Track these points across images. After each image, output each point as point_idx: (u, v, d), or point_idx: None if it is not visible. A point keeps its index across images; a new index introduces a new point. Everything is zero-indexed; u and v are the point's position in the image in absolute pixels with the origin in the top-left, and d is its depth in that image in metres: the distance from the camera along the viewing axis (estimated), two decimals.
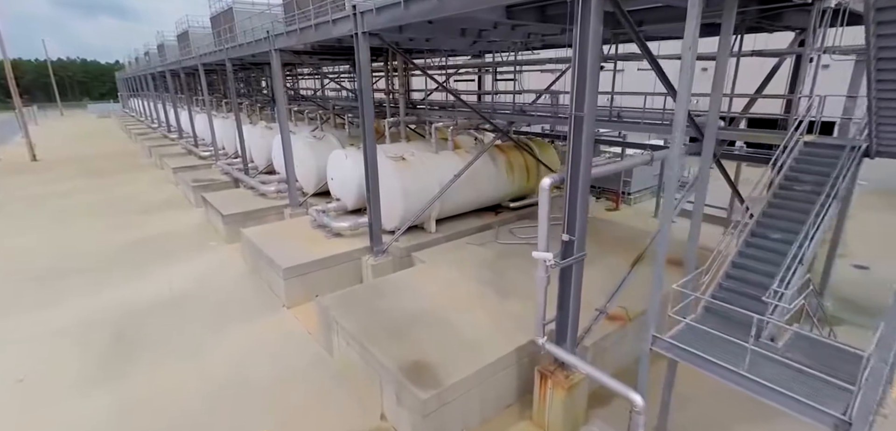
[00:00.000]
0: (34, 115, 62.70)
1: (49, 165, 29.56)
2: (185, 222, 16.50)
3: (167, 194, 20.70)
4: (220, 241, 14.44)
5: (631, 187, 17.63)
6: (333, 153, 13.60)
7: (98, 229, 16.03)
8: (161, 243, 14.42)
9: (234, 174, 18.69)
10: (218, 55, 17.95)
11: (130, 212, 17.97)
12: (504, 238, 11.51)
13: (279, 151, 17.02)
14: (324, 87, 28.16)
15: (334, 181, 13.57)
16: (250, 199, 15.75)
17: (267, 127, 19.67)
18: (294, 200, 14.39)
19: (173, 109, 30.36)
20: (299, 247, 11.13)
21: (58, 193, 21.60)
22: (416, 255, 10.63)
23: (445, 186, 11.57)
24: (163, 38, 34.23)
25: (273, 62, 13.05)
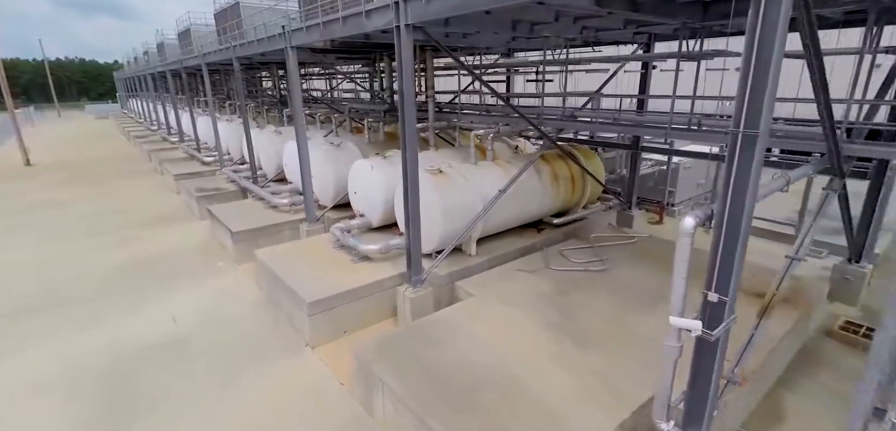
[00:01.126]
0: (30, 116, 61.16)
1: (43, 170, 28.06)
2: (188, 238, 15.01)
3: (168, 204, 19.21)
4: (229, 261, 12.95)
5: (675, 197, 16.16)
6: (357, 164, 12.12)
7: (93, 246, 14.54)
8: (162, 264, 12.93)
9: (242, 183, 17.21)
10: (225, 54, 16.47)
11: (129, 225, 16.48)
12: (556, 263, 10.03)
13: (292, 158, 15.56)
14: (332, 88, 26.66)
15: (358, 195, 12.09)
16: (261, 212, 14.26)
17: (276, 132, 18.18)
18: (311, 214, 12.91)
19: (174, 111, 28.88)
20: (323, 274, 9.65)
21: (50, 202, 20.10)
22: (459, 285, 9.15)
23: (490, 202, 10.10)
24: (163, 37, 32.75)
25: (289, 61, 11.57)
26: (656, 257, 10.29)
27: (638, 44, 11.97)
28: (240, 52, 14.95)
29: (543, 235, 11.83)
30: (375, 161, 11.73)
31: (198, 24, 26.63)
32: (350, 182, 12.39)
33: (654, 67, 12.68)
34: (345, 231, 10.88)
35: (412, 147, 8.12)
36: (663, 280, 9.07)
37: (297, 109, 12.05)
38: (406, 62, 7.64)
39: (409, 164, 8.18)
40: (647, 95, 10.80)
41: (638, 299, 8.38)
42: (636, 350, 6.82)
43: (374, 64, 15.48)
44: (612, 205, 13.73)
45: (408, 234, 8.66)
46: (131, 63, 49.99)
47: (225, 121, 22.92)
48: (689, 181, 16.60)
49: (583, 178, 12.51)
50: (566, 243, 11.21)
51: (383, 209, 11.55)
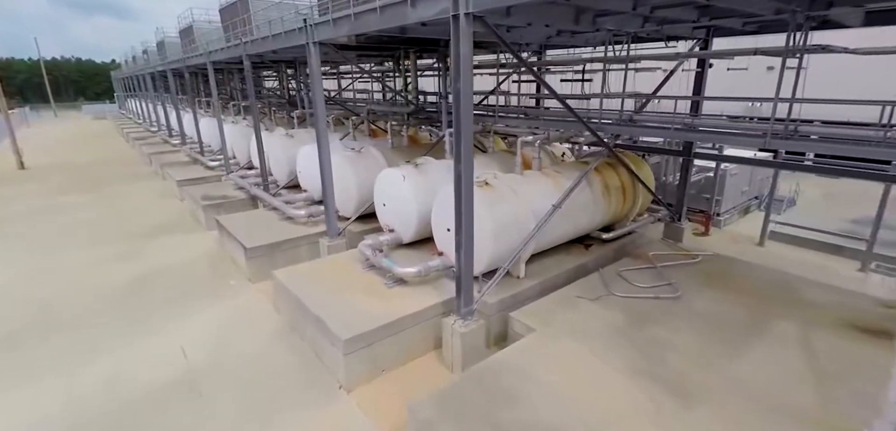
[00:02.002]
0: (26, 116, 59.72)
1: (38, 174, 26.75)
2: (195, 251, 13.77)
3: (172, 212, 17.96)
4: (242, 279, 11.73)
5: (721, 206, 14.99)
6: (386, 173, 10.91)
7: (91, 259, 13.29)
8: (168, 282, 11.70)
9: (252, 191, 15.97)
10: (233, 51, 15.24)
11: (130, 236, 15.23)
12: (618, 288, 8.84)
13: (308, 164, 14.36)
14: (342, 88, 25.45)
15: (387, 208, 10.88)
16: (275, 224, 13.04)
17: (287, 135, 16.95)
18: (333, 228, 11.70)
19: (176, 112, 27.61)
20: (354, 301, 8.45)
21: (45, 209, 18.83)
22: (514, 316, 7.95)
23: (543, 218, 8.92)
24: (163, 35, 31.47)
25: (311, 58, 10.36)
26: (728, 280, 9.12)
27: (698, 39, 10.79)
28: (251, 49, 13.74)
29: (593, 252, 10.65)
30: (407, 170, 10.53)
31: (201, 20, 25.43)
32: (378, 193, 11.18)
33: (711, 65, 11.50)
34: (375, 250, 9.67)
35: (468, 158, 6.92)
36: (746, 311, 7.92)
37: (319, 111, 10.84)
38: (465, 58, 6.44)
39: (464, 178, 6.97)
40: (712, 98, 9.61)
41: (727, 335, 7.20)
42: (749, 406, 5.64)
43: (397, 62, 14.27)
44: (661, 216, 12.56)
45: (459, 257, 7.46)
46: (130, 62, 48.62)
47: (230, 123, 21.67)
48: (734, 188, 15.45)
49: (634, 187, 11.34)
50: (622, 263, 10.02)
51: (418, 225, 10.35)
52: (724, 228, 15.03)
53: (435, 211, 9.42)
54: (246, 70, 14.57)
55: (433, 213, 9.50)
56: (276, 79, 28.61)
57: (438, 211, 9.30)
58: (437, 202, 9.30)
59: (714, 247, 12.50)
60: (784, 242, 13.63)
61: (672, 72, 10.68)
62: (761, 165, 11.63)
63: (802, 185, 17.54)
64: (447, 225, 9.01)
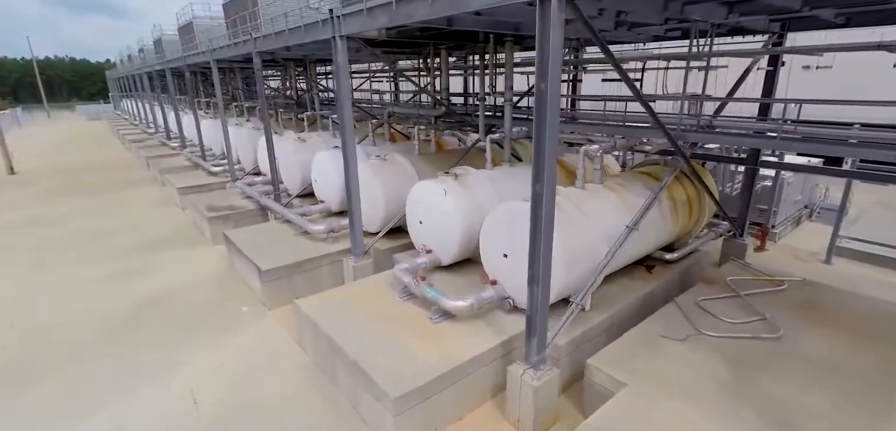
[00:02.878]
0: (17, 117, 58.01)
1: (29, 179, 25.26)
2: (201, 269, 12.40)
3: (173, 222, 16.57)
4: (256, 304, 10.38)
5: (776, 217, 13.74)
6: (422, 187, 9.60)
7: (83, 280, 11.89)
8: (172, 309, 10.34)
9: (262, 201, 14.60)
10: (241, 48, 13.87)
11: (127, 251, 13.84)
12: (704, 323, 7.54)
13: (324, 172, 13.04)
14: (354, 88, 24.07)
15: (425, 226, 9.57)
16: (291, 241, 11.68)
17: (299, 139, 15.59)
18: (358, 246, 10.36)
19: (175, 113, 26.17)
20: (398, 341, 7.12)
21: (35, 220, 17.39)
22: (594, 365, 6.62)
23: (617, 242, 7.62)
24: (161, 33, 30.02)
25: (338, 54, 9.02)
26: (831, 314, 7.84)
27: (772, 33, 9.51)
28: (262, 45, 12.38)
29: (658, 276, 9.36)
30: (448, 183, 9.21)
31: (201, 16, 24.05)
32: (412, 208, 9.87)
33: (783, 63, 10.24)
34: (415, 276, 8.33)
35: (551, 176, 5.61)
36: (875, 358, 6.63)
37: (346, 115, 9.50)
38: (554, 51, 5.12)
39: (545, 201, 5.65)
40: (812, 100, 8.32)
41: (865, 394, 5.92)
42: None
43: (424, 59, 12.95)
44: (721, 231, 11.29)
45: (533, 295, 6.14)
46: (125, 62, 47.05)
47: (234, 125, 20.27)
48: (788, 198, 14.21)
49: (699, 201, 10.06)
50: (696, 291, 8.72)
51: (461, 246, 9.05)
52: (779, 241, 13.78)
53: (486, 233, 8.11)
54: (256, 68, 13.21)
55: (483, 234, 8.18)
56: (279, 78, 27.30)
57: (491, 233, 7.99)
58: (491, 223, 7.98)
59: (780, 265, 11.26)
60: (849, 258, 12.40)
61: (748, 70, 9.40)
62: (834, 174, 10.35)
63: (854, 193, 16.32)
64: (503, 250, 7.72)
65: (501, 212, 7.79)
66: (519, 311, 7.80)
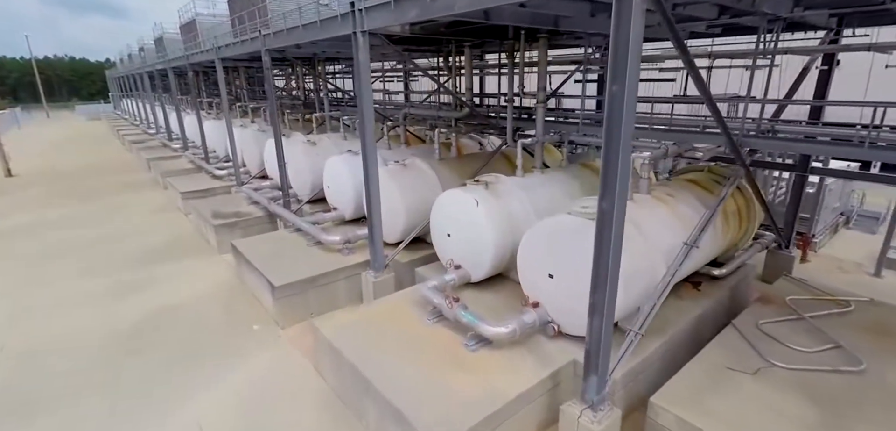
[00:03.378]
0: (16, 117, 57.22)
1: (25, 182, 24.48)
2: (207, 282, 11.62)
3: (176, 229, 15.79)
4: (268, 322, 9.60)
5: (816, 226, 12.95)
6: (450, 197, 8.81)
7: (83, 294, 11.11)
8: (177, 328, 9.56)
9: (272, 208, 13.80)
10: (249, 45, 13.10)
11: (128, 261, 13.06)
12: (771, 351, 6.75)
13: (337, 177, 12.29)
14: None
15: (452, 240, 8.79)
16: (304, 252, 10.90)
17: (309, 142, 14.81)
18: (378, 259, 9.57)
19: (177, 114, 25.38)
20: (434, 376, 6.34)
21: (31, 227, 16.60)
22: (659, 404, 5.82)
23: (676, 260, 6.84)
24: (162, 31, 29.25)
25: (359, 51, 8.24)
26: None
27: (830, 29, 8.73)
28: (273, 42, 11.60)
29: (707, 294, 8.58)
30: (478, 192, 8.42)
31: (204, 14, 23.28)
32: (438, 220, 9.09)
33: (838, 62, 9.45)
34: (447, 297, 7.53)
35: (623, 192, 4.82)
36: None
37: (367, 117, 8.72)
38: (633, 47, 4.34)
39: (616, 221, 4.87)
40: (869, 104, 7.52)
41: None
42: None
43: (446, 57, 12.17)
44: (766, 243, 10.51)
45: (593, 327, 5.36)
46: (125, 61, 46.25)
47: (238, 127, 19.48)
48: (828, 205, 13.43)
49: (748, 211, 9.29)
50: (754, 312, 7.93)
51: (494, 262, 8.28)
52: (819, 251, 12.99)
53: (527, 249, 7.32)
54: (265, 67, 12.43)
55: (523, 251, 7.39)
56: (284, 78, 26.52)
57: (533, 250, 7.20)
58: (532, 239, 7.20)
59: (825, 277, 10.45)
60: None
61: (807, 69, 8.62)
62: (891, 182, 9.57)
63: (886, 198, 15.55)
64: (548, 270, 6.93)
65: (546, 227, 7.00)
66: (564, 337, 7.03)
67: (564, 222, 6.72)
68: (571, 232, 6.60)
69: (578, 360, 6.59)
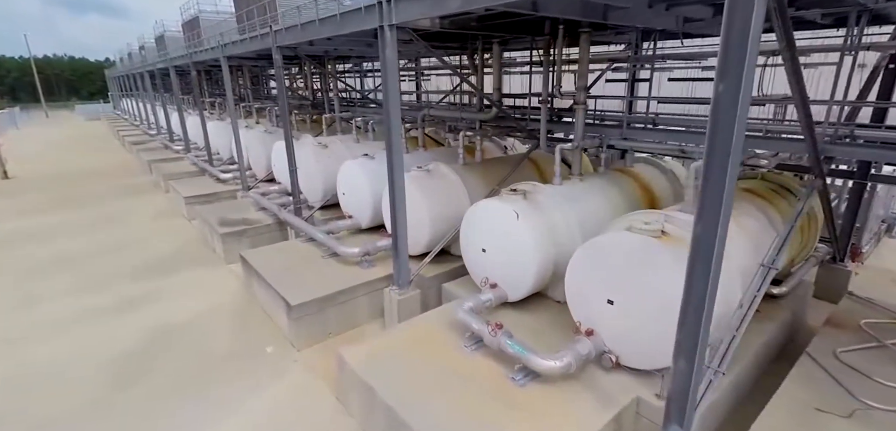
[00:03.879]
0: (14, 117, 56.38)
1: (22, 185, 23.66)
2: (214, 295, 10.81)
3: (180, 237, 14.97)
4: (283, 343, 8.79)
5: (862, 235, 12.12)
6: (485, 207, 8.00)
7: (79, 312, 10.29)
8: (182, 350, 8.75)
9: (283, 216, 12.97)
10: (258, 42, 12.28)
11: (130, 272, 12.25)
12: (860, 389, 5.94)
13: (352, 184, 11.52)
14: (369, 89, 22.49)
15: (488, 256, 7.97)
16: (319, 265, 10.10)
17: (320, 145, 14.00)
18: (403, 275, 8.76)
19: (179, 114, 24.56)
20: (483, 419, 5.53)
21: (26, 234, 15.77)
22: None
23: (754, 284, 6.04)
24: (164, 29, 28.44)
25: (386, 47, 7.43)
26: None
27: None
28: (285, 38, 10.79)
29: (767, 315, 7.77)
30: (518, 203, 7.61)
31: (208, 11, 22.47)
32: (471, 234, 8.28)
33: None
34: (489, 324, 6.71)
35: (727, 210, 4.01)
36: None
37: (393, 120, 7.90)
38: (755, 28, 3.52)
39: (717, 247, 4.06)
40: None
41: None
42: None
43: (470, 55, 11.36)
44: (819, 256, 9.72)
45: (679, 371, 4.55)
46: (125, 60, 45.40)
47: (244, 128, 18.68)
48: (874, 213, 12.61)
49: (809, 224, 8.50)
50: (826, 338, 7.11)
51: (535, 280, 7.47)
52: (865, 262, 12.17)
53: (578, 270, 6.50)
54: (276, 65, 11.62)
55: (573, 271, 6.58)
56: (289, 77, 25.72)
57: (587, 271, 6.39)
58: (586, 259, 6.39)
59: (883, 293, 9.63)
60: None
61: (878, 67, 7.80)
62: None
63: None
64: (606, 294, 6.13)
65: (602, 245, 6.20)
66: (623, 368, 6.23)
67: (626, 241, 5.92)
68: (634, 253, 5.80)
69: (643, 398, 5.82)
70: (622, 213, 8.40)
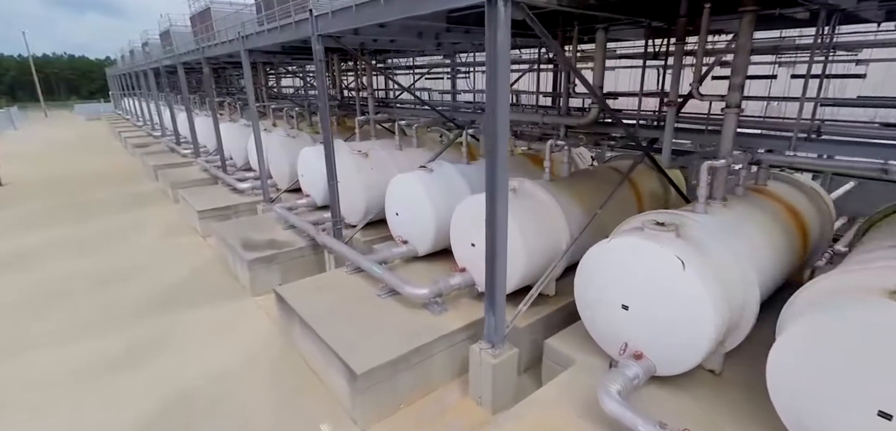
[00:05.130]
0: (12, 117, 54.29)
1: (15, 194, 21.54)
2: (242, 342, 8.74)
3: (194, 259, 12.88)
4: (342, 419, 6.70)
5: None
6: (627, 247, 5.89)
7: (73, 368, 8.21)
8: (207, 427, 6.66)
9: (320, 240, 10.82)
10: (292, 32, 10.20)
11: (137, 309, 10.17)
12: None
13: (409, 200, 9.47)
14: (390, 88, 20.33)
15: (631, 314, 5.86)
16: (379, 310, 8.01)
17: (360, 153, 11.89)
18: (498, 329, 6.65)
19: (187, 115, 22.44)
20: None
21: (14, 257, 13.66)
22: None
23: None
24: (170, 23, 26.38)
25: (497, 28, 5.34)
26: None
27: None
28: (330, 25, 8.71)
29: None
30: (678, 246, 5.51)
31: (221, 1, 20.44)
32: (603, 281, 6.17)
33: None
34: (659, 425, 4.63)
35: None
36: None
37: (501, 124, 5.81)
38: None
39: None
40: None
41: None
42: None
43: (562, 46, 9.25)
44: None
45: None
46: (127, 58, 43.30)
47: (262, 131, 16.57)
48: None
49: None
50: None
51: (710, 347, 5.37)
52: None
53: (804, 352, 4.40)
54: (316, 58, 9.51)
55: (792, 356, 4.47)
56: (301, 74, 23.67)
57: (826, 357, 4.28)
58: (826, 330, 4.28)
59: None
60: None
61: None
62: None
63: None
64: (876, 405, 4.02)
65: (850, 318, 4.09)
66: None
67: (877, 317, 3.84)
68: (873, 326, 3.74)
69: None
70: (780, 247, 6.39)
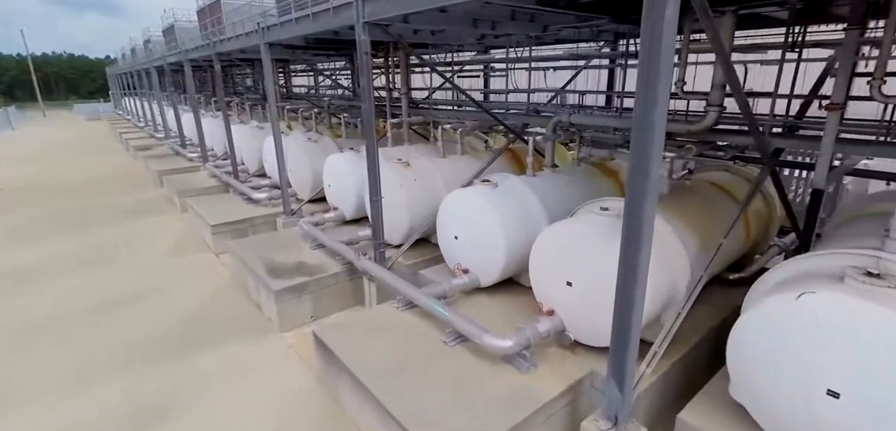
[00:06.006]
0: (10, 118, 52.64)
1: (11, 200, 19.88)
2: (275, 399, 7.11)
3: (207, 282, 11.26)
4: None
5: None
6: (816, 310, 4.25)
7: (71, 423, 6.60)
8: None
9: (360, 265, 9.19)
10: (328, 20, 8.59)
11: (142, 348, 8.55)
12: None
13: (473, 221, 7.86)
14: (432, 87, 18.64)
15: (841, 400, 4.21)
16: (447, 362, 6.41)
17: (402, 162, 10.27)
18: (626, 400, 5.01)
19: (194, 116, 20.78)
20: None
21: (8, 272, 12.05)
22: None
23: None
24: (174, 19, 24.77)
25: (666, 6, 3.71)
26: None
27: None
28: (384, 9, 7.11)
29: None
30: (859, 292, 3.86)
31: None
32: (764, 356, 4.52)
33: None
34: None
35: None
36: None
37: (657, 134, 4.18)
38: None
39: None
40: None
41: None
42: None
43: None
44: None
45: None
46: (128, 56, 41.66)
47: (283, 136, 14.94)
48: None
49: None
50: None
51: None
52: None
53: None
54: (361, 50, 7.89)
55: None
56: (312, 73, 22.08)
57: None
58: None
59: None
60: None
61: None
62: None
63: None
64: None
65: None
66: None
67: None
68: None
69: None
70: None
